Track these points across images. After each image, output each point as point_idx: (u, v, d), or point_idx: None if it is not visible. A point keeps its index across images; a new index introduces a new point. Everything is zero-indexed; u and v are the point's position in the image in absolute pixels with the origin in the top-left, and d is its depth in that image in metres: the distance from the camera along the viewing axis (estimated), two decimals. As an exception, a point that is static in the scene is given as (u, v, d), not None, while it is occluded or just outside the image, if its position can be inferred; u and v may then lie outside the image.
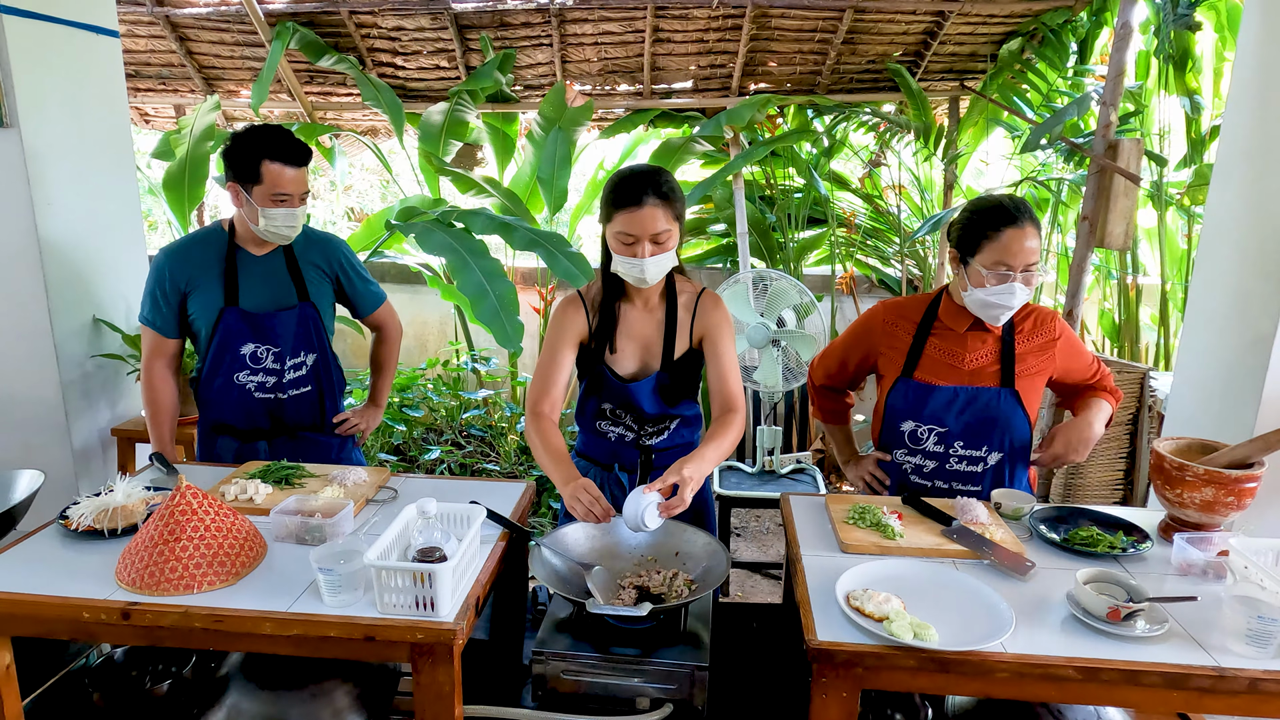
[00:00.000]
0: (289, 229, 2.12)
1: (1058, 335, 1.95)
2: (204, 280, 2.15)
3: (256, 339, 2.18)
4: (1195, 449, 1.74)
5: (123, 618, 1.40)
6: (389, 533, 1.47)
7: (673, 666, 1.47)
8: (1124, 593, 1.41)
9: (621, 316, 1.96)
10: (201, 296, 2.15)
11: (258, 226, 2.10)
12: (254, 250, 2.20)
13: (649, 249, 1.79)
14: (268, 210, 2.06)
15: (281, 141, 2.05)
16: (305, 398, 2.29)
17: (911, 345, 1.97)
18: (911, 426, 1.97)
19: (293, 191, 2.07)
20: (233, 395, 2.20)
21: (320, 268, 2.29)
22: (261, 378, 2.21)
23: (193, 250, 2.17)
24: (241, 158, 2.04)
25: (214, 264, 2.16)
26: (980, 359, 1.93)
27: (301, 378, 2.27)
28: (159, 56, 4.65)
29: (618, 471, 2.06)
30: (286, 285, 2.23)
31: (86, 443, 2.84)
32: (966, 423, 1.92)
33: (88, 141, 2.84)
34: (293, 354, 2.24)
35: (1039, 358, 1.93)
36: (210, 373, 2.19)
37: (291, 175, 2.06)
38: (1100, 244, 3.04)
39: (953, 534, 1.66)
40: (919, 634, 1.32)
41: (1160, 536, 1.72)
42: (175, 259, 2.16)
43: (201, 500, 1.52)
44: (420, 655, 1.38)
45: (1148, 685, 1.27)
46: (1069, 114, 3.29)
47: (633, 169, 1.84)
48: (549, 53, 4.46)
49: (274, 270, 2.22)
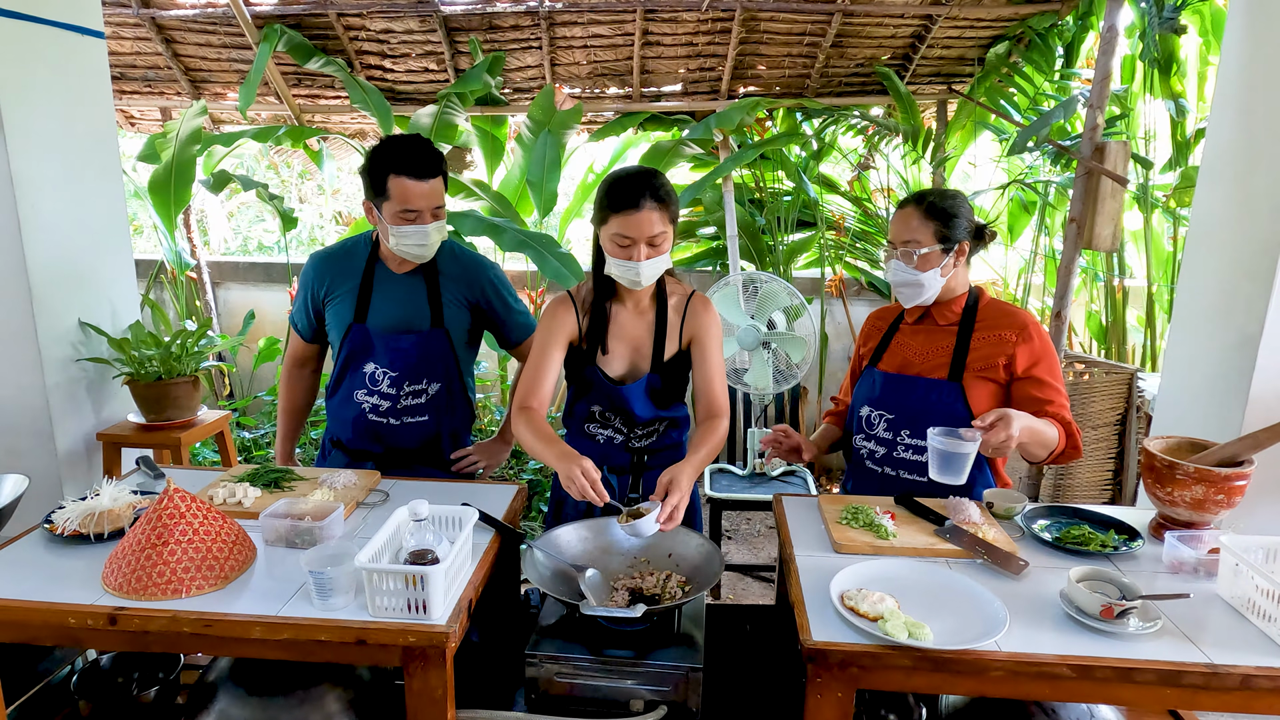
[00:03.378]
0: (419, 248, 2.00)
1: (1020, 331, 1.90)
2: (342, 292, 2.11)
3: (377, 360, 2.10)
4: (1185, 447, 1.75)
5: (109, 623, 1.38)
6: (380, 535, 1.46)
7: (667, 668, 1.47)
8: (1117, 590, 1.42)
9: (612, 318, 1.95)
10: (337, 308, 2.11)
11: (390, 245, 2.01)
12: (394, 268, 2.11)
13: (645, 251, 1.79)
14: (397, 228, 1.96)
15: (408, 153, 1.93)
16: (420, 427, 2.16)
17: (881, 340, 2.09)
18: (867, 412, 2.04)
19: (421, 207, 1.95)
20: (349, 413, 2.14)
21: (462, 292, 2.15)
22: (376, 400, 2.12)
23: (339, 259, 2.13)
24: (372, 173, 1.96)
25: (354, 276, 2.10)
26: (936, 354, 1.97)
27: (419, 405, 2.14)
28: (144, 59, 4.61)
29: (607, 473, 2.05)
30: (421, 308, 2.11)
31: (72, 447, 2.80)
32: (912, 411, 1.95)
33: (73, 143, 2.81)
34: (413, 380, 2.12)
35: (995, 354, 1.90)
36: (334, 386, 2.17)
37: (419, 190, 1.93)
38: (1088, 246, 3.06)
39: (945, 533, 1.66)
40: (914, 633, 1.32)
41: (1151, 535, 1.73)
42: (322, 265, 2.13)
43: (189, 503, 1.50)
44: (412, 659, 1.36)
45: (1141, 683, 1.28)
46: (1056, 117, 3.31)
47: (628, 171, 1.83)
48: (538, 55, 4.45)
49: (411, 291, 2.11)
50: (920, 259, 1.89)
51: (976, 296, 1.99)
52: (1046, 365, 1.90)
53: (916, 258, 1.89)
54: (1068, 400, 1.91)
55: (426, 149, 1.96)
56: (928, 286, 1.92)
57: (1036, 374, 1.89)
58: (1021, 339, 1.89)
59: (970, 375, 1.91)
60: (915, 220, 1.90)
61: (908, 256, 1.90)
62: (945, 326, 1.98)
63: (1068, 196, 4.28)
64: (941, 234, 1.89)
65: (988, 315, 1.95)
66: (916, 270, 1.90)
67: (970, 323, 1.95)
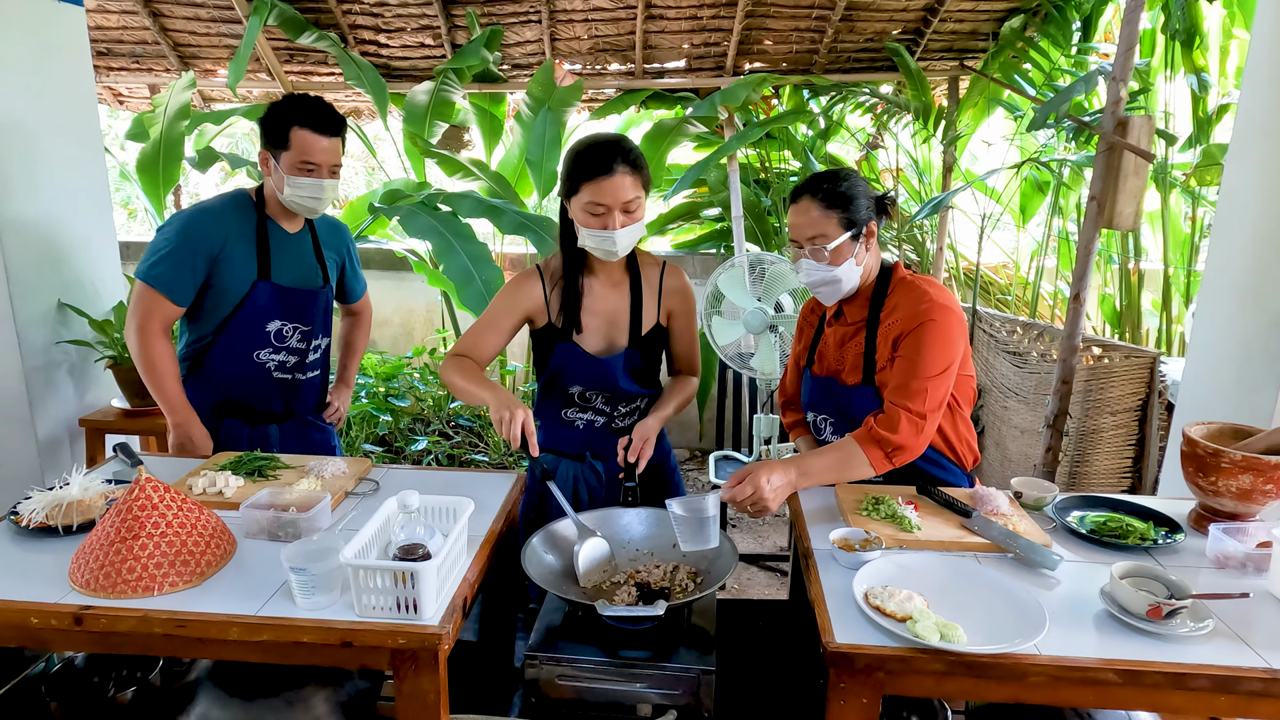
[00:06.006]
0: (314, 200, 2.02)
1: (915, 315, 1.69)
2: (237, 250, 2.03)
3: (286, 316, 2.10)
4: (1228, 434, 1.64)
5: (75, 623, 1.27)
6: (367, 529, 1.35)
7: (679, 670, 1.36)
8: (1163, 588, 1.31)
9: (585, 292, 1.88)
10: (231, 267, 2.02)
11: (283, 195, 2.02)
12: (285, 225, 2.12)
13: (620, 219, 1.74)
14: (294, 179, 1.98)
15: (313, 109, 1.98)
16: (317, 382, 2.26)
17: (812, 338, 1.96)
18: (812, 416, 1.94)
19: (321, 161, 1.99)
20: (249, 372, 2.10)
21: (334, 252, 2.26)
22: (284, 356, 2.13)
23: (226, 216, 2.04)
24: (272, 123, 1.98)
25: (249, 233, 2.06)
26: (851, 355, 1.82)
27: (317, 360, 2.23)
28: (132, 34, 4.47)
29: (590, 460, 1.95)
30: (313, 266, 2.18)
31: (53, 434, 2.70)
32: (847, 416, 1.81)
33: (52, 117, 2.69)
34: (316, 335, 2.19)
35: (889, 345, 1.74)
36: (224, 347, 2.07)
37: (320, 144, 1.97)
38: (1108, 225, 2.93)
39: (974, 526, 1.55)
40: (946, 635, 1.21)
41: (1191, 527, 1.62)
42: (211, 222, 2.01)
43: (163, 494, 1.39)
44: (402, 662, 1.26)
45: (1195, 689, 1.17)
46: (1077, 91, 3.19)
47: (596, 137, 1.78)
48: (537, 30, 4.31)
49: (303, 248, 2.16)
50: (832, 253, 1.70)
51: (888, 281, 1.79)
52: (915, 346, 1.67)
53: (828, 253, 1.70)
54: (931, 395, 1.65)
55: (331, 109, 2.01)
56: (846, 280, 1.74)
57: (901, 352, 1.69)
58: (912, 318, 1.69)
59: (880, 375, 1.75)
60: (815, 212, 1.71)
61: (818, 254, 1.71)
62: (855, 324, 1.82)
63: (1082, 176, 4.16)
64: (847, 221, 1.70)
65: (895, 303, 1.75)
66: (831, 266, 1.71)
67: (877, 316, 1.77)
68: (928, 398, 1.65)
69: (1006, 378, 3.63)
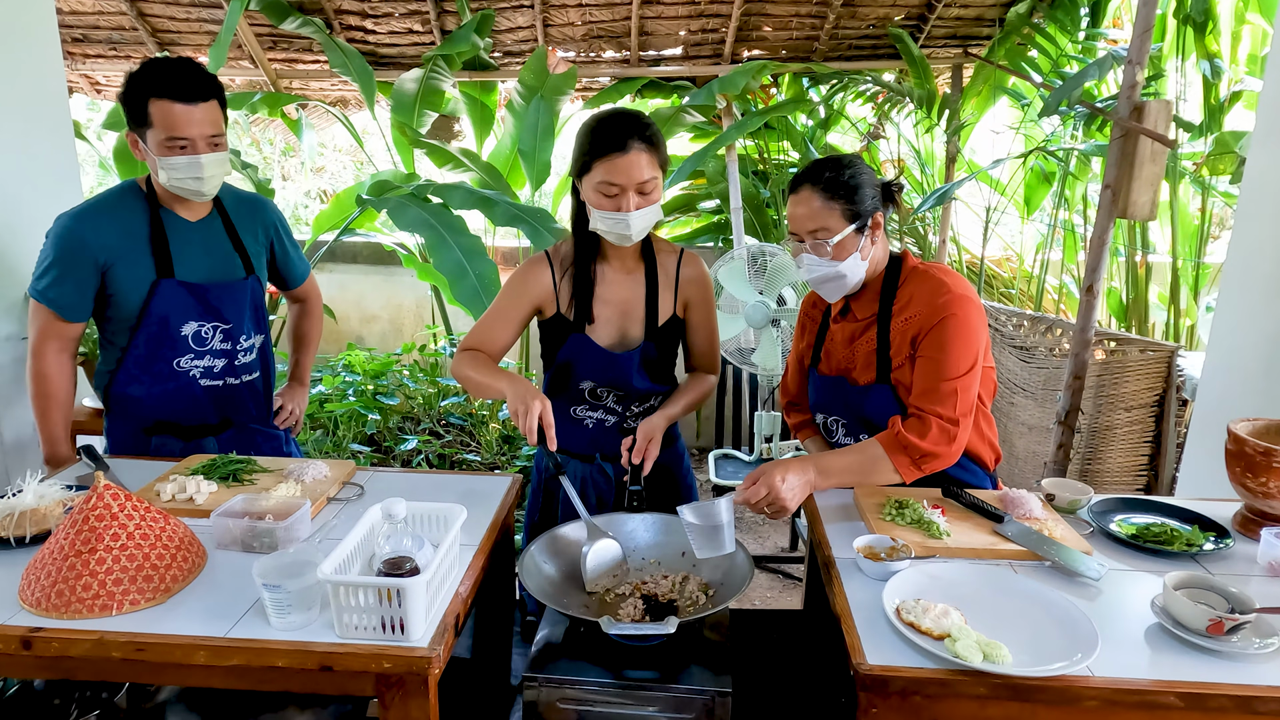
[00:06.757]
0: (195, 181, 1.76)
1: (934, 308, 1.58)
2: (129, 250, 1.80)
3: (201, 317, 1.86)
4: (1274, 430, 1.54)
5: (23, 647, 1.15)
6: (349, 540, 1.23)
7: (691, 692, 1.24)
8: (1221, 600, 1.20)
9: (597, 280, 1.76)
10: (126, 270, 1.79)
11: (160, 180, 1.77)
12: (184, 214, 1.86)
13: (634, 200, 1.61)
14: (166, 160, 1.72)
15: (171, 74, 1.69)
16: (258, 385, 2.02)
17: (816, 336, 1.84)
18: (822, 418, 1.83)
19: (192, 135, 1.71)
20: (171, 386, 1.88)
21: (256, 234, 1.99)
22: (209, 361, 1.90)
23: (109, 214, 1.81)
24: (130, 98, 1.71)
25: (139, 231, 1.81)
26: (863, 353, 1.70)
27: (252, 362, 1.98)
28: (108, 19, 4.31)
29: (600, 462, 1.83)
30: (229, 255, 1.92)
31: (19, 435, 2.55)
32: (859, 416, 1.71)
33: (16, 104, 2.54)
34: (245, 333, 1.94)
35: (907, 341, 1.64)
36: (142, 361, 1.85)
37: (186, 114, 1.69)
38: (1123, 215, 2.83)
39: (1008, 532, 1.44)
40: (989, 654, 1.10)
41: (1237, 531, 1.52)
42: (91, 223, 1.78)
43: (123, 502, 1.26)
44: (388, 688, 1.14)
45: (1263, 714, 1.06)
46: (1090, 76, 3.08)
47: (611, 111, 1.65)
48: (529, 15, 4.18)
49: (213, 237, 1.90)
50: (835, 248, 1.59)
51: (897, 273, 1.69)
52: (938, 345, 1.56)
53: (831, 247, 1.58)
54: (962, 398, 1.55)
55: (196, 70, 1.73)
56: (850, 276, 1.63)
57: (924, 351, 1.58)
58: (932, 314, 1.58)
59: (897, 373, 1.64)
60: (817, 203, 1.58)
61: (820, 248, 1.59)
62: (865, 320, 1.70)
63: (1089, 165, 4.06)
64: (851, 213, 1.58)
65: (909, 296, 1.65)
66: (834, 261, 1.60)
67: (889, 310, 1.66)
68: (959, 400, 1.54)
69: (1013, 373, 3.53)
